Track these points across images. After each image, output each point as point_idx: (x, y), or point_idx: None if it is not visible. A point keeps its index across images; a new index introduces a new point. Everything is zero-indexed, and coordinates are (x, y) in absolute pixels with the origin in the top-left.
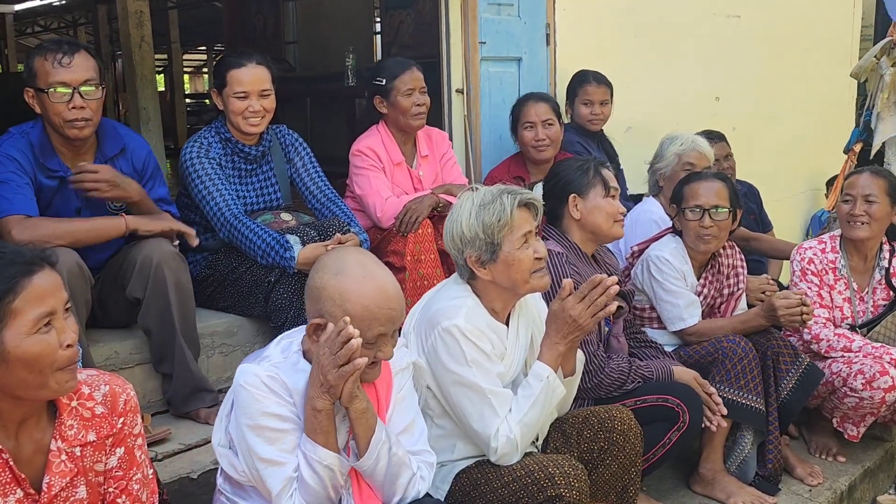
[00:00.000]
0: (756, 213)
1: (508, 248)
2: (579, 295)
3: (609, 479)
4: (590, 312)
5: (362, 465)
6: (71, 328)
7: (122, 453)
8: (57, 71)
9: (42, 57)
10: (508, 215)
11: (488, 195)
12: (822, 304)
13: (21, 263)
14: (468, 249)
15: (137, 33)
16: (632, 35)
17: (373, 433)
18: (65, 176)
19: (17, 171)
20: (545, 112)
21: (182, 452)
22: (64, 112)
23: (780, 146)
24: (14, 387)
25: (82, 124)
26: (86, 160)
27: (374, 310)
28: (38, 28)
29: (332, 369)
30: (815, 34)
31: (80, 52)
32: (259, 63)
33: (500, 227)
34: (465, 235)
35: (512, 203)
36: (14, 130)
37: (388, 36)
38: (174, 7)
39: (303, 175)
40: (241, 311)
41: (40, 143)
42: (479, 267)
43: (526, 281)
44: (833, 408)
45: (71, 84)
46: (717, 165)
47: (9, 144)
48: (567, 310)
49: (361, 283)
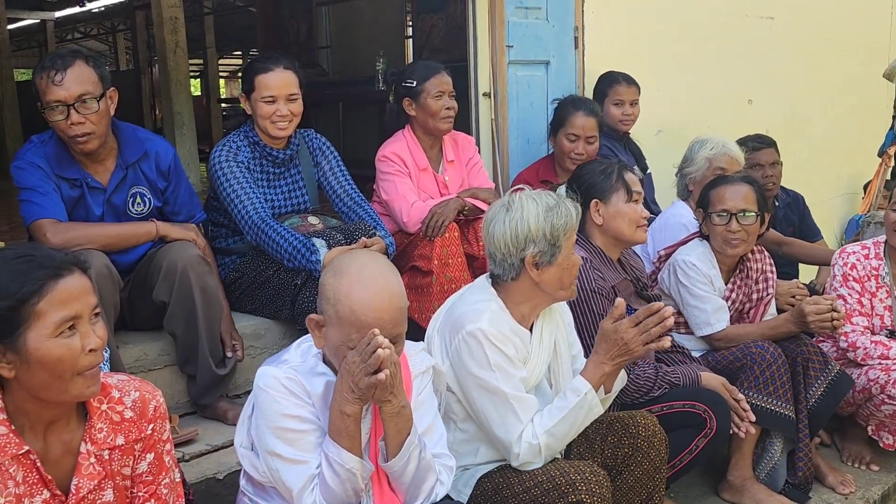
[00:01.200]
0: (796, 225)
1: (566, 253)
2: (634, 320)
3: (633, 486)
4: (642, 340)
5: (392, 467)
6: (98, 333)
7: (151, 458)
8: (51, 89)
9: (39, 74)
10: (574, 220)
11: (550, 199)
12: (861, 311)
13: (50, 267)
14: (531, 249)
15: (172, 39)
16: (662, 37)
17: (405, 435)
18: (86, 182)
19: (43, 177)
20: (592, 128)
21: (209, 453)
22: (65, 129)
23: (814, 149)
24: (36, 388)
25: (85, 139)
26: (106, 166)
27: (360, 315)
28: (77, 35)
29: (362, 377)
30: (851, 35)
31: (73, 66)
32: (286, 68)
33: (566, 231)
34: (532, 233)
35: (576, 210)
36: (35, 139)
37: (420, 40)
38: (210, 13)
39: (330, 179)
40: (269, 314)
41: (56, 154)
42: (532, 268)
43: (569, 286)
44: (869, 415)
45: (66, 101)
46: (762, 172)
47: (32, 153)
48: (619, 332)
49: (355, 286)
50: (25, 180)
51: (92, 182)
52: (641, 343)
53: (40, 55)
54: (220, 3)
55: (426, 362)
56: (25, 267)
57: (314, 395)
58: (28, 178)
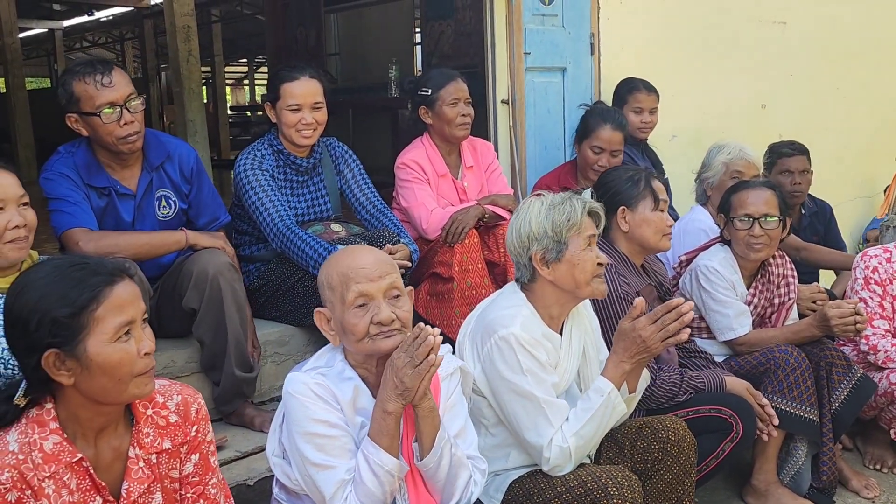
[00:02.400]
0: (821, 234)
1: (574, 249)
2: (652, 317)
3: (663, 490)
4: (660, 336)
5: (427, 464)
6: (148, 337)
7: (197, 460)
8: (102, 92)
9: (81, 81)
10: (578, 216)
11: (558, 198)
12: (882, 314)
13: (104, 274)
14: (535, 247)
15: (185, 48)
16: (676, 43)
17: (436, 432)
18: (114, 189)
19: (73, 187)
20: (618, 142)
21: (238, 460)
22: (116, 130)
23: (830, 154)
24: (95, 393)
25: (135, 138)
26: (133, 171)
27: (347, 273)
28: (86, 43)
29: (408, 370)
30: (864, 38)
31: (115, 70)
32: (312, 77)
33: (570, 227)
34: (534, 232)
35: (582, 206)
36: (63, 150)
37: (429, 46)
38: (217, 20)
39: (353, 186)
40: (294, 321)
41: (86, 164)
42: (542, 266)
43: (587, 283)
44: (891, 419)
45: (117, 102)
46: (792, 179)
47: (60, 163)
48: (637, 330)
49: (337, 257)
50: (55, 190)
51: (121, 189)
52: (659, 340)
53: (49, 64)
54: (227, 11)
55: (453, 364)
56: (81, 275)
57: (342, 400)
58: (57, 188)
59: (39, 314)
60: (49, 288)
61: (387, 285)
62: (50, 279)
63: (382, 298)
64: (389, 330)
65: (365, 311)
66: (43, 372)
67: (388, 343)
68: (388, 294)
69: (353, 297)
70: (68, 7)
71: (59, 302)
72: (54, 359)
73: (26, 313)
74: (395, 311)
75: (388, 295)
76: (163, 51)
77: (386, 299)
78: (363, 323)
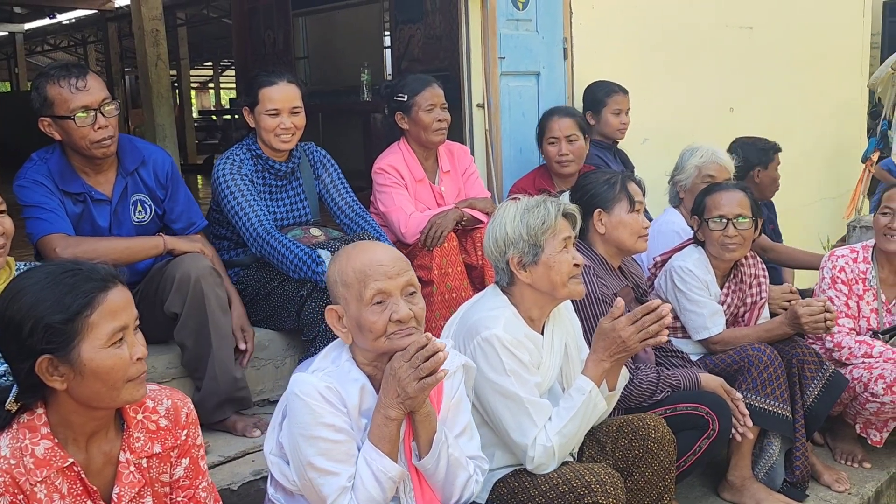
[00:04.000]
0: (775, 223)
1: (550, 251)
2: (631, 317)
3: (644, 487)
4: (640, 337)
5: (426, 465)
6: (140, 342)
7: (187, 463)
8: (76, 96)
9: (55, 84)
10: (553, 219)
11: (533, 201)
12: (847, 313)
13: (97, 279)
14: (511, 251)
15: (153, 52)
16: (647, 47)
17: (433, 433)
18: (89, 195)
19: (47, 194)
20: (569, 127)
21: (222, 464)
22: (90, 134)
23: (795, 156)
24: (88, 398)
25: (109, 142)
26: (108, 177)
27: (365, 270)
28: (48, 47)
29: (412, 382)
30: (827, 43)
31: (90, 74)
32: (290, 82)
33: (544, 230)
34: (509, 236)
35: (556, 209)
36: (36, 156)
37: (398, 50)
38: (183, 24)
39: (331, 191)
40: (273, 326)
41: (59, 170)
42: (519, 269)
43: (564, 284)
44: (855, 414)
45: (91, 106)
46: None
47: (34, 170)
48: (617, 330)
49: (351, 254)
50: (29, 198)
51: (96, 194)
52: (639, 340)
53: (9, 68)
54: (193, 14)
55: (457, 361)
56: (75, 281)
57: (349, 404)
58: (32, 195)
59: (33, 320)
60: (42, 294)
61: (404, 282)
62: (43, 285)
63: (400, 296)
64: (407, 328)
65: (383, 309)
66: (36, 377)
67: (406, 341)
68: (405, 291)
69: (372, 295)
70: (29, 10)
71: (53, 308)
72: (48, 364)
73: (19, 319)
74: (411, 308)
75: (405, 292)
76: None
77: (403, 296)
78: (382, 320)
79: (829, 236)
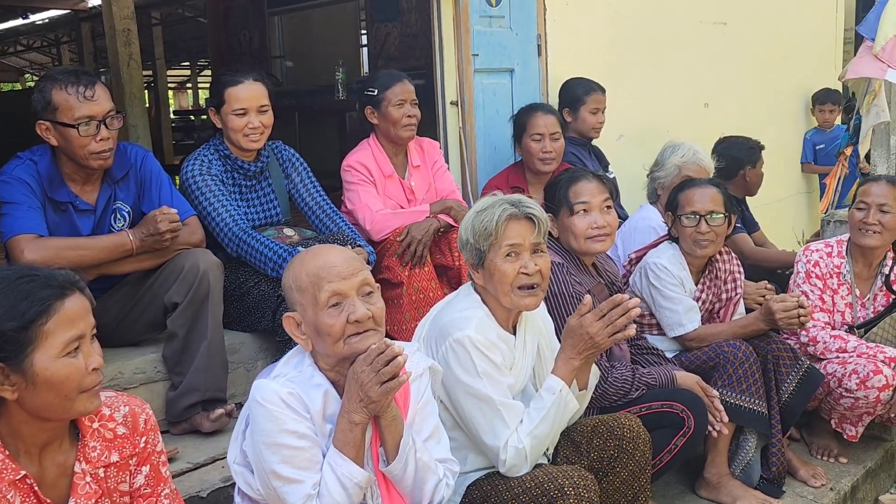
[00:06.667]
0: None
1: (492, 257)
2: (598, 313)
3: (619, 487)
4: (608, 332)
5: (392, 470)
6: (96, 352)
7: (148, 471)
8: (83, 105)
9: (62, 90)
10: (493, 226)
11: (488, 202)
12: (822, 307)
13: (54, 286)
14: (465, 252)
15: (125, 51)
16: (621, 43)
17: (399, 438)
18: (73, 204)
19: (28, 194)
20: (553, 125)
21: (190, 471)
22: (91, 145)
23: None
24: (40, 409)
25: (108, 154)
26: (94, 186)
27: (318, 273)
28: (20, 47)
29: (374, 386)
30: (799, 39)
31: (98, 83)
32: (256, 80)
33: (486, 236)
34: (462, 238)
35: (500, 215)
36: (23, 156)
37: (375, 49)
38: (158, 23)
39: (301, 191)
40: (246, 327)
41: (48, 174)
42: (473, 271)
43: (507, 294)
44: (830, 409)
45: (96, 117)
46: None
47: (20, 169)
48: (585, 327)
49: (304, 259)
50: (9, 195)
51: (81, 204)
52: (607, 335)
53: None
54: (168, 14)
55: (422, 364)
56: (30, 287)
57: (313, 410)
58: (13, 192)
59: None
60: None
61: (359, 282)
62: None
63: (356, 296)
64: (364, 329)
65: (340, 311)
66: None
67: (364, 343)
68: (361, 291)
69: (327, 297)
70: (2, 10)
71: (6, 315)
72: None
73: None
74: (369, 307)
75: (361, 292)
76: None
77: (359, 296)
78: (339, 322)
79: (804, 231)
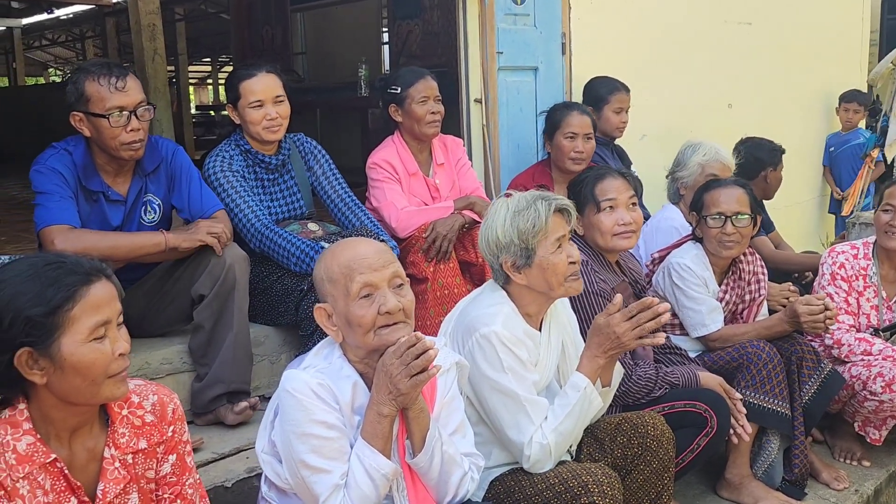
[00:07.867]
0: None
1: (543, 253)
2: (626, 313)
3: (643, 485)
4: (635, 334)
5: (419, 462)
6: (123, 338)
7: (174, 460)
8: (114, 95)
9: (94, 81)
10: (543, 222)
11: (523, 201)
12: (847, 310)
13: (80, 273)
14: (504, 255)
15: (151, 46)
16: (645, 43)
17: (426, 430)
18: (105, 194)
19: (62, 184)
20: (588, 126)
21: (215, 461)
22: (122, 135)
23: (791, 152)
24: (68, 393)
25: (138, 145)
26: (126, 177)
27: (350, 264)
28: (45, 42)
29: (404, 379)
30: (825, 40)
31: (130, 75)
32: (269, 71)
33: (535, 234)
34: (501, 241)
35: (547, 210)
36: (58, 146)
37: (397, 46)
38: (181, 19)
39: (323, 183)
40: (270, 321)
41: (83, 164)
42: (514, 272)
43: (561, 284)
44: (854, 412)
45: (127, 107)
46: None
47: (54, 159)
48: (612, 326)
49: (335, 251)
50: (43, 184)
51: (112, 195)
52: (633, 337)
53: (7, 63)
54: (191, 9)
55: (450, 359)
56: (57, 274)
57: (342, 401)
58: (46, 182)
59: (13, 312)
60: (23, 286)
61: (390, 274)
62: (24, 277)
63: (387, 288)
64: (395, 321)
65: (371, 302)
66: (15, 371)
67: (394, 336)
68: (392, 283)
69: (358, 288)
70: (27, 5)
71: (33, 300)
72: (27, 357)
73: None
74: (400, 300)
75: (392, 284)
76: (125, 49)
77: (391, 289)
78: (370, 314)
79: (829, 233)
